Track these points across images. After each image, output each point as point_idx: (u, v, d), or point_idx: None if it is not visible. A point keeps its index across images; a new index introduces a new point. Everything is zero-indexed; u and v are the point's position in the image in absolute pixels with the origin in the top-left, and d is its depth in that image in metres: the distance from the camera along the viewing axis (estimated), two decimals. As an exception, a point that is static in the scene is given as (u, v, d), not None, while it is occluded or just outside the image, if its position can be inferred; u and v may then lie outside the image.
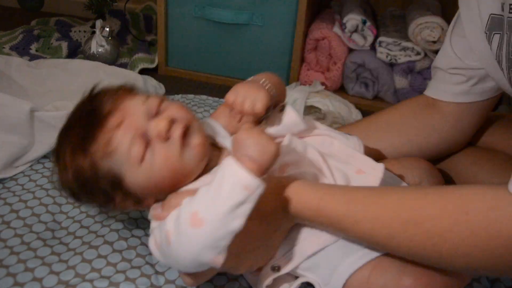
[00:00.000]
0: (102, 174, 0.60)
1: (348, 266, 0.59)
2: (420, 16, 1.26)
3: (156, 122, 0.59)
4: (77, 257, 0.71)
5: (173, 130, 0.59)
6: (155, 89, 1.25)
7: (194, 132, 0.61)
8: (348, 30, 1.31)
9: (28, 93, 1.16)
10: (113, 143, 0.58)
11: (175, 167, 0.59)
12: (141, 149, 0.58)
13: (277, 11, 1.30)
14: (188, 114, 0.62)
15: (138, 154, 0.58)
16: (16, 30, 1.55)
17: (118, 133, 0.58)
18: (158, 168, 0.59)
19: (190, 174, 0.61)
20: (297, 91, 1.16)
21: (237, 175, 0.49)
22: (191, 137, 0.60)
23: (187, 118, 0.61)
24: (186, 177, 0.61)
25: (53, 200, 0.83)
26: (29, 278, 0.67)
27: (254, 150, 0.51)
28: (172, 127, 0.59)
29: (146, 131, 0.59)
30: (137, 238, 0.76)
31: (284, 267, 0.62)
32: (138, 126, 0.59)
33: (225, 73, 1.43)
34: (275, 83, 0.70)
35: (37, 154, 0.93)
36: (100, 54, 1.39)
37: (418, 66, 1.32)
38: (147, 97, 0.63)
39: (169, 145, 0.59)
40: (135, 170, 0.59)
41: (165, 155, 0.59)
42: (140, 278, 0.68)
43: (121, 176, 0.60)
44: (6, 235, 0.75)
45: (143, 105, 0.61)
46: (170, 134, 0.59)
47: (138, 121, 0.59)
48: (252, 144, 0.51)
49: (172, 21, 1.40)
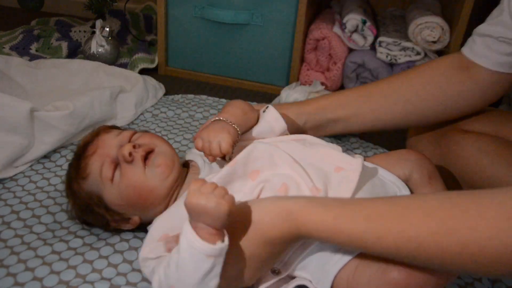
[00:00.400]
0: (88, 195, 0.71)
1: (334, 263, 0.60)
2: (420, 16, 1.26)
3: (121, 147, 0.69)
4: (78, 257, 0.71)
5: (135, 153, 0.69)
6: (155, 89, 1.25)
7: (158, 155, 0.70)
8: (348, 30, 1.31)
9: (28, 93, 1.16)
10: (88, 168, 0.70)
11: (139, 184, 0.69)
12: (110, 170, 0.69)
13: (277, 11, 1.30)
14: (153, 141, 0.72)
15: (107, 175, 0.69)
16: (16, 30, 1.55)
17: (91, 159, 0.70)
18: (125, 185, 0.69)
19: (156, 191, 0.69)
20: (297, 91, 1.16)
21: (197, 246, 0.53)
22: (154, 158, 0.70)
23: (151, 144, 0.72)
24: (153, 193, 0.69)
25: (53, 201, 0.84)
26: (29, 278, 0.67)
27: (206, 218, 0.54)
28: (135, 151, 0.69)
29: (116, 157, 0.70)
30: (139, 239, 0.76)
31: (284, 269, 0.63)
32: (108, 153, 0.70)
33: (225, 73, 1.43)
34: (240, 114, 0.75)
35: (37, 154, 0.93)
36: (100, 54, 1.39)
37: (418, 66, 1.32)
38: (121, 132, 0.75)
39: (133, 166, 0.69)
40: (108, 189, 0.70)
41: (129, 174, 0.69)
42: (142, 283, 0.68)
43: (100, 195, 0.70)
44: (6, 235, 0.75)
45: (116, 137, 0.72)
46: (133, 156, 0.68)
47: (109, 149, 0.70)
48: (203, 212, 0.53)
49: (172, 21, 1.40)
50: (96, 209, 0.71)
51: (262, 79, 1.41)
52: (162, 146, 0.73)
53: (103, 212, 0.71)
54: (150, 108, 1.19)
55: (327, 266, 0.61)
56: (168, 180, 0.70)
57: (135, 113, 1.15)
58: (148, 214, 0.71)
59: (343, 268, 0.60)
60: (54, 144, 0.96)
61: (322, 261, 0.61)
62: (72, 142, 1.01)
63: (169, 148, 0.74)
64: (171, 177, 0.70)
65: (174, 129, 1.11)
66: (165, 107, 1.20)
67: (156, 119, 1.15)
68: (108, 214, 0.72)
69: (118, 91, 1.13)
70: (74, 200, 0.73)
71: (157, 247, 0.64)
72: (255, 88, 1.41)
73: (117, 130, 0.76)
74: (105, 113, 1.07)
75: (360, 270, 0.59)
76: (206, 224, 0.54)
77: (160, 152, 0.71)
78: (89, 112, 1.02)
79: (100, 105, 1.05)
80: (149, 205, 0.70)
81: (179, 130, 1.11)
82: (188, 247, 0.54)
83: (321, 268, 0.61)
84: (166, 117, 1.17)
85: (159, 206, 0.70)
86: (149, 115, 1.17)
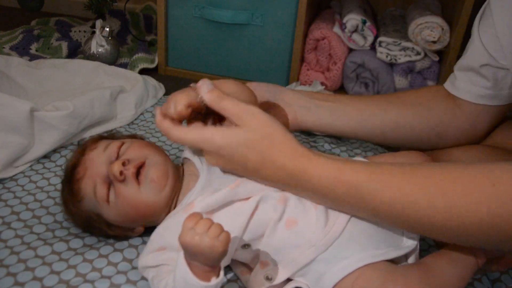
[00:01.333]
0: (87, 214, 0.70)
1: (332, 276, 0.60)
2: (420, 16, 1.26)
3: (111, 166, 0.66)
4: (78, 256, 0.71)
5: (126, 171, 0.66)
6: (155, 89, 1.25)
7: (150, 168, 0.68)
8: (348, 30, 1.31)
9: (28, 93, 1.16)
10: (82, 192, 0.68)
11: (136, 202, 0.67)
12: (104, 191, 0.67)
13: (277, 11, 1.30)
14: (143, 152, 0.69)
15: (102, 196, 0.67)
16: (16, 30, 1.55)
17: (83, 183, 0.68)
18: (121, 205, 0.67)
19: (154, 205, 0.68)
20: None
21: (192, 283, 0.54)
22: (147, 172, 0.68)
23: (140, 157, 0.68)
24: (151, 208, 0.68)
25: (54, 201, 0.83)
26: (29, 278, 0.67)
27: (201, 258, 0.54)
28: (125, 168, 0.66)
29: (107, 175, 0.67)
30: (139, 237, 0.76)
31: (277, 277, 0.63)
32: (98, 173, 0.68)
33: (225, 73, 1.43)
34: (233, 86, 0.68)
35: (37, 154, 0.93)
36: (100, 54, 1.39)
37: (418, 66, 1.32)
38: (108, 144, 0.71)
39: (126, 184, 0.67)
40: (106, 209, 0.68)
41: (124, 194, 0.67)
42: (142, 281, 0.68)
43: (99, 214, 0.69)
44: (6, 236, 0.75)
45: (103, 153, 0.69)
46: (124, 175, 0.66)
47: (98, 168, 0.68)
48: (197, 252, 0.53)
49: (172, 21, 1.40)
50: (98, 225, 0.71)
51: (262, 79, 1.40)
52: (153, 156, 0.70)
53: (104, 227, 0.71)
54: (150, 108, 1.19)
55: (326, 276, 0.60)
56: (164, 192, 0.68)
57: (135, 113, 1.15)
58: (151, 222, 0.71)
59: (340, 282, 0.59)
60: (54, 144, 0.96)
61: (320, 272, 0.61)
62: (72, 142, 1.01)
63: (160, 156, 0.71)
64: (166, 189, 0.68)
65: (174, 129, 1.11)
66: (165, 107, 1.20)
67: (156, 119, 1.15)
68: (110, 230, 0.72)
69: (118, 91, 1.13)
70: (74, 219, 0.74)
71: (155, 256, 0.64)
72: (255, 88, 1.40)
73: (104, 142, 0.72)
74: (105, 113, 1.07)
75: (359, 283, 0.58)
76: (200, 262, 0.54)
77: (151, 165, 0.69)
78: (89, 112, 1.02)
79: (100, 105, 1.05)
80: (149, 217, 0.70)
81: (179, 130, 1.11)
82: (183, 281, 0.55)
83: (320, 278, 0.61)
84: (166, 117, 1.16)
85: (161, 216, 0.70)
86: (149, 115, 1.17)
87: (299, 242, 0.62)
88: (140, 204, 0.67)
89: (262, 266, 0.64)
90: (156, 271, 0.63)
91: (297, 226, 0.62)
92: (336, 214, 0.62)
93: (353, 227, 0.62)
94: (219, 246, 0.53)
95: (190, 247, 0.53)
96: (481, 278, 0.73)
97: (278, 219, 0.62)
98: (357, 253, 0.60)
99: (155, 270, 0.63)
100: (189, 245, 0.53)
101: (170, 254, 0.63)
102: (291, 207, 0.63)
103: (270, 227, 0.62)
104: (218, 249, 0.53)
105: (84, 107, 1.01)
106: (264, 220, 0.62)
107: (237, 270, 0.69)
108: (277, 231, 0.62)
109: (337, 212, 0.62)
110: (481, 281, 0.73)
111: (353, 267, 0.59)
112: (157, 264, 0.63)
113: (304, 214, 0.62)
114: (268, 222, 0.62)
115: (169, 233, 0.65)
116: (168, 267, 0.62)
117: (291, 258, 0.62)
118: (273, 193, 0.64)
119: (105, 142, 0.72)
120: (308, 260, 0.61)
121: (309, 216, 0.62)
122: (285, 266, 0.62)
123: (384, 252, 0.60)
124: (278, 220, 0.62)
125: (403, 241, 0.63)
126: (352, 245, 0.60)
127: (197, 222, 0.54)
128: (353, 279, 0.59)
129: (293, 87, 1.25)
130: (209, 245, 0.52)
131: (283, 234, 0.62)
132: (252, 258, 0.65)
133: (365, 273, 0.59)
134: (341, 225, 0.61)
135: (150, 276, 0.63)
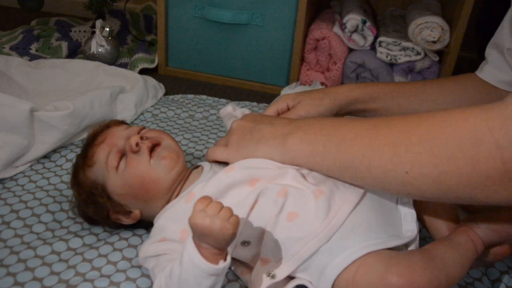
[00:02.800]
0: (92, 184, 0.71)
1: (334, 267, 0.60)
2: (420, 16, 1.26)
3: (129, 138, 0.70)
4: (77, 256, 0.71)
5: (142, 144, 0.70)
6: (155, 89, 1.25)
7: (164, 148, 0.71)
8: (348, 30, 1.31)
9: (28, 93, 1.16)
10: (95, 156, 0.71)
11: (144, 174, 0.69)
12: (116, 159, 0.70)
13: (277, 11, 1.30)
14: (161, 135, 0.74)
15: (113, 163, 0.70)
16: (16, 30, 1.55)
17: (99, 148, 0.71)
18: (129, 174, 0.69)
19: (160, 182, 0.70)
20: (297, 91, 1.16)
21: (199, 265, 0.54)
22: (160, 151, 0.71)
23: (158, 137, 0.73)
24: (156, 184, 0.69)
25: (53, 200, 0.84)
26: (29, 278, 0.67)
27: (210, 240, 0.54)
28: (142, 142, 0.70)
29: (123, 148, 0.71)
30: (138, 237, 0.76)
31: (280, 273, 0.62)
32: (116, 143, 0.71)
33: (225, 73, 1.43)
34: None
35: (37, 154, 0.93)
36: (100, 54, 1.39)
37: (418, 66, 1.32)
38: (130, 126, 0.77)
39: (139, 156, 0.70)
40: (112, 177, 0.70)
41: (135, 163, 0.69)
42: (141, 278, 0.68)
43: (104, 184, 0.71)
44: (6, 235, 0.75)
45: (124, 130, 0.74)
46: (140, 147, 0.69)
47: (117, 140, 0.72)
48: (207, 234, 0.54)
49: (172, 21, 1.40)
50: (99, 199, 0.71)
51: (262, 79, 1.41)
52: (169, 141, 0.74)
53: (105, 201, 0.71)
54: (150, 108, 1.19)
55: (327, 269, 0.60)
56: (173, 173, 0.70)
57: (135, 113, 1.15)
58: (149, 208, 0.71)
59: (343, 272, 0.59)
60: (54, 144, 0.96)
61: (322, 264, 0.61)
62: (72, 142, 1.01)
63: (175, 143, 0.75)
64: (175, 170, 0.70)
65: (174, 129, 1.11)
66: (165, 107, 1.20)
67: (156, 119, 1.15)
68: (110, 204, 0.71)
69: (118, 91, 1.13)
70: (78, 189, 0.73)
71: (156, 247, 0.64)
72: (255, 88, 1.41)
73: (127, 125, 0.77)
74: (105, 113, 1.07)
75: (360, 274, 0.58)
76: (209, 245, 0.54)
77: (166, 146, 0.72)
78: (89, 112, 1.02)
79: (100, 105, 1.05)
80: (151, 197, 0.70)
81: (179, 130, 1.11)
82: (190, 264, 0.55)
83: (322, 271, 0.61)
84: (166, 117, 1.17)
85: (161, 200, 0.70)
86: (149, 115, 1.17)
87: (301, 234, 0.61)
88: (147, 178, 0.69)
89: (263, 263, 0.64)
90: (156, 260, 0.63)
91: (298, 219, 0.62)
92: (339, 204, 0.62)
93: (355, 217, 0.62)
94: (229, 228, 0.53)
95: (201, 228, 0.53)
96: (481, 278, 0.73)
97: (278, 212, 0.62)
98: (358, 242, 0.60)
99: (155, 259, 0.63)
100: (200, 226, 0.53)
101: (171, 245, 0.63)
102: (292, 200, 0.63)
103: (271, 221, 0.62)
104: (229, 231, 0.53)
105: (84, 107, 1.01)
106: (265, 214, 0.62)
107: (238, 271, 0.69)
108: (278, 224, 0.62)
109: (340, 202, 0.62)
110: (481, 281, 0.73)
111: (355, 255, 0.59)
112: (157, 254, 0.63)
113: (304, 205, 0.62)
114: (269, 216, 0.62)
115: (170, 222, 0.66)
116: (169, 256, 0.62)
117: (294, 251, 0.62)
118: (273, 185, 0.64)
119: (128, 125, 0.78)
120: (311, 252, 0.60)
121: (310, 208, 0.62)
122: (287, 261, 0.62)
123: (385, 241, 0.61)
124: (279, 213, 0.62)
125: (403, 231, 0.63)
126: (354, 235, 0.61)
127: (208, 204, 0.55)
128: (355, 268, 0.59)
129: (293, 87, 1.25)
130: (220, 227, 0.53)
131: (284, 227, 0.62)
132: (252, 256, 0.65)
133: (367, 261, 0.58)
134: (343, 215, 0.61)
135: (150, 266, 0.63)
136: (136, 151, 0.69)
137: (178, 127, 1.12)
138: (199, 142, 1.06)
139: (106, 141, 0.72)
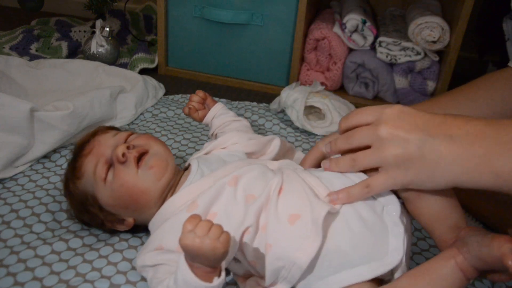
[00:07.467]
0: (83, 195, 0.71)
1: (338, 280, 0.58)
2: (420, 16, 1.26)
3: (116, 148, 0.69)
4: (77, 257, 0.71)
5: (129, 154, 0.68)
6: (155, 89, 1.25)
7: (152, 156, 0.70)
8: (348, 30, 1.31)
9: (28, 93, 1.16)
10: (83, 167, 0.70)
11: (131, 185, 0.68)
12: (104, 170, 0.69)
13: (277, 11, 1.30)
14: (149, 142, 0.72)
15: (101, 174, 0.69)
16: (16, 30, 1.55)
17: (86, 159, 0.71)
18: (117, 185, 0.68)
19: (148, 193, 0.69)
20: (297, 91, 1.16)
21: (194, 285, 0.54)
22: (148, 160, 0.69)
23: (145, 145, 0.71)
24: (145, 195, 0.68)
25: (53, 199, 0.84)
26: (29, 278, 0.67)
27: (202, 259, 0.53)
28: (129, 151, 0.68)
29: (110, 157, 0.69)
30: (138, 238, 0.76)
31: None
32: (103, 153, 0.70)
33: (225, 73, 1.43)
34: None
35: (37, 154, 0.93)
36: (100, 54, 1.39)
37: (418, 66, 1.32)
38: (118, 132, 0.75)
39: (126, 167, 0.68)
40: (102, 189, 0.69)
41: (122, 175, 0.68)
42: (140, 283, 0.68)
43: (94, 195, 0.70)
44: (6, 235, 0.75)
45: (112, 138, 0.73)
46: (126, 157, 0.68)
47: (104, 149, 0.70)
48: (198, 255, 0.53)
49: (172, 21, 1.40)
50: (91, 209, 0.71)
51: (262, 79, 1.41)
52: (157, 148, 0.72)
53: (97, 212, 0.71)
54: (150, 108, 1.19)
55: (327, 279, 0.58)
56: (161, 182, 0.69)
57: (135, 113, 1.15)
58: (141, 216, 0.71)
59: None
60: (54, 144, 0.96)
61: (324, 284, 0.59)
62: (72, 142, 1.01)
63: (164, 149, 0.73)
64: (164, 179, 0.69)
65: (174, 129, 1.11)
66: (165, 107, 1.20)
67: (156, 119, 1.15)
68: (102, 215, 0.71)
69: (118, 91, 1.13)
70: (71, 200, 0.74)
71: (153, 256, 0.63)
72: (255, 88, 1.41)
73: (115, 131, 0.75)
74: (105, 113, 1.07)
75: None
76: (202, 264, 0.54)
77: (154, 154, 0.70)
78: (89, 112, 1.02)
79: (100, 105, 1.05)
80: (142, 206, 0.69)
81: (179, 130, 1.11)
82: (185, 283, 0.55)
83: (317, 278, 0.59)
84: (166, 117, 1.17)
85: (152, 208, 0.69)
86: (149, 115, 1.17)
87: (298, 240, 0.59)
88: (135, 189, 0.68)
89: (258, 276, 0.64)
90: (154, 270, 0.62)
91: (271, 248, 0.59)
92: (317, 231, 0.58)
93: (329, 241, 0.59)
94: (220, 248, 0.52)
95: (191, 250, 0.52)
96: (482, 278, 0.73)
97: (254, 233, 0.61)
98: (333, 274, 0.58)
99: (153, 269, 0.63)
100: (190, 248, 0.52)
101: (168, 255, 0.63)
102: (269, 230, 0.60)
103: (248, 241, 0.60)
104: (220, 250, 0.52)
105: (84, 107, 1.01)
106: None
107: (235, 277, 0.69)
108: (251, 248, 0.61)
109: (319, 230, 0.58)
110: (481, 281, 0.73)
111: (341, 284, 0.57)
112: (155, 264, 0.63)
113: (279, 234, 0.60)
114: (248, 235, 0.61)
115: (169, 233, 0.64)
116: (166, 267, 0.62)
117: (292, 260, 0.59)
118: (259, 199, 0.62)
119: (116, 131, 0.76)
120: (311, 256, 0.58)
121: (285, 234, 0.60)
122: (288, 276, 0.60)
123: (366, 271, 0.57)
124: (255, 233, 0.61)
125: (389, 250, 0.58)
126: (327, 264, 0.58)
127: (197, 224, 0.53)
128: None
129: (293, 87, 1.25)
130: (210, 247, 0.52)
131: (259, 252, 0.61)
132: (243, 272, 0.66)
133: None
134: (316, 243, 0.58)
135: (148, 276, 0.63)
136: (123, 161, 0.67)
137: (178, 127, 1.12)
138: (199, 142, 1.06)
139: (93, 152, 0.70)
